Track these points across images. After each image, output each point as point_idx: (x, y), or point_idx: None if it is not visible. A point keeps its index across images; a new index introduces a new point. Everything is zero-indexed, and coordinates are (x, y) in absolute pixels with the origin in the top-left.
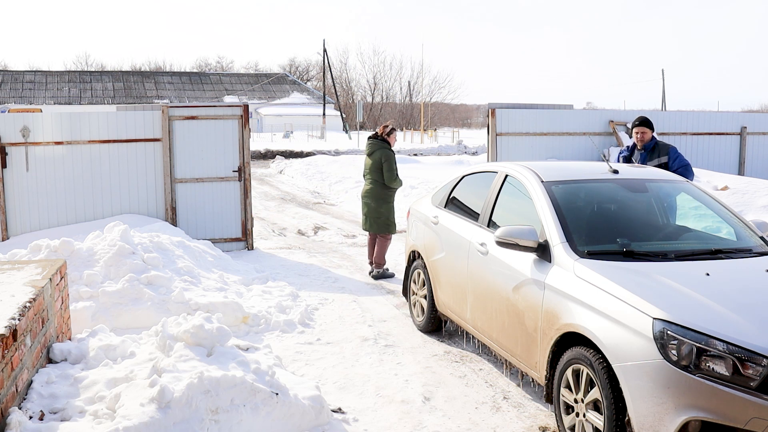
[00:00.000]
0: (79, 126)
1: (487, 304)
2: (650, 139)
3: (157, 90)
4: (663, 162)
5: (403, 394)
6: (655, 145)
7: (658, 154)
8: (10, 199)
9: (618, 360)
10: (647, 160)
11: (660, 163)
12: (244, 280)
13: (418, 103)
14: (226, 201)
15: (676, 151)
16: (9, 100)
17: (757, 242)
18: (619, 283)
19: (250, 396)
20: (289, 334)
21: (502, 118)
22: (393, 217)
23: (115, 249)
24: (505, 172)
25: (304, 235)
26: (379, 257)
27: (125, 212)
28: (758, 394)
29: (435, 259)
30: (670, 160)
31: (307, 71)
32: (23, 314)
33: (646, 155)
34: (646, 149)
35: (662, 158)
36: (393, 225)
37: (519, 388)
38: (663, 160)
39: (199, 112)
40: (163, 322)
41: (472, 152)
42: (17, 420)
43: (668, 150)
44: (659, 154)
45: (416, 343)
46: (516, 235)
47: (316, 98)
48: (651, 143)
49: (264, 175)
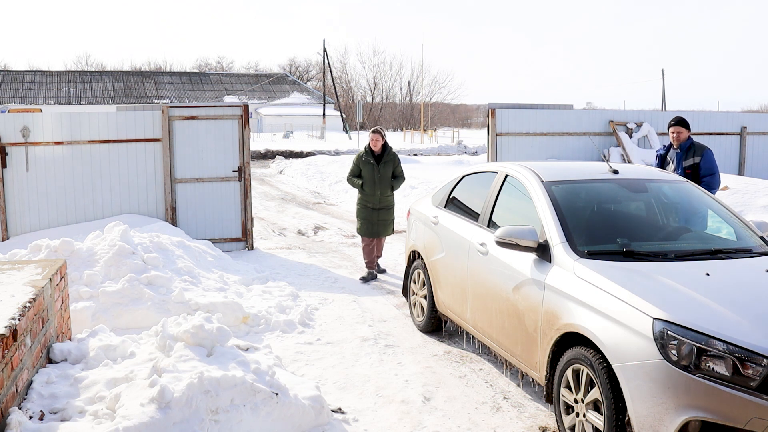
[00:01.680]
0: (79, 126)
1: (487, 304)
2: (686, 138)
3: (157, 90)
4: (696, 162)
5: (403, 394)
6: (690, 145)
7: (693, 154)
8: (10, 199)
9: (618, 360)
10: (682, 160)
11: (693, 164)
12: (244, 280)
13: (418, 103)
14: (226, 201)
15: (711, 155)
16: (9, 100)
17: (757, 242)
18: (619, 283)
19: (250, 396)
20: (289, 334)
21: (502, 118)
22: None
23: (115, 249)
24: (505, 172)
25: (304, 235)
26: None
27: (125, 212)
28: (758, 394)
29: (435, 259)
30: (702, 161)
31: (307, 71)
32: (23, 314)
33: (682, 155)
34: (682, 149)
35: (696, 158)
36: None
37: (519, 388)
38: (696, 160)
39: (199, 112)
40: (163, 322)
41: (472, 152)
42: (17, 420)
43: (703, 152)
44: (694, 154)
45: (416, 343)
46: (516, 235)
47: (316, 98)
48: (687, 143)
49: (264, 175)
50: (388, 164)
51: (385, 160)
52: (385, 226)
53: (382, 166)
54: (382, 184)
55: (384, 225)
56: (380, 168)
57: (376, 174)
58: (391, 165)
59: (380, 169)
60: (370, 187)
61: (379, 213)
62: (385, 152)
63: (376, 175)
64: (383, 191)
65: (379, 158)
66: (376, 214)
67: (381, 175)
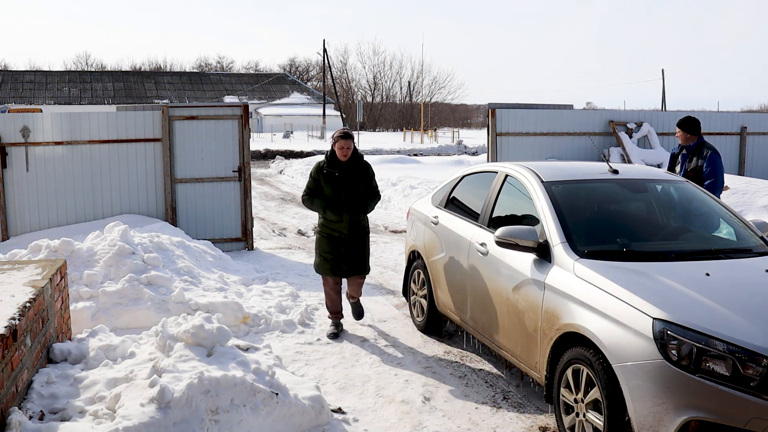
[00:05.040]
0: (79, 126)
1: (487, 304)
2: (692, 140)
3: (157, 90)
4: (700, 166)
5: (403, 394)
6: (697, 147)
7: (697, 156)
8: (10, 199)
9: (618, 360)
10: (686, 161)
11: (697, 167)
12: (244, 280)
13: (418, 103)
14: (226, 201)
15: (714, 160)
16: (9, 100)
17: (757, 242)
18: (619, 283)
19: (250, 396)
20: (289, 334)
21: (502, 118)
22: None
23: (115, 249)
24: (505, 172)
25: (304, 235)
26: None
27: (125, 212)
28: (758, 394)
29: (435, 259)
30: (705, 165)
31: (307, 71)
32: (23, 314)
33: (687, 156)
34: (688, 150)
35: (700, 162)
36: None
37: (519, 388)
38: (700, 163)
39: (199, 112)
40: (163, 322)
41: (472, 152)
42: (17, 420)
43: (708, 156)
44: (699, 156)
45: (416, 343)
46: (516, 235)
47: (316, 98)
48: (694, 145)
49: (264, 175)
50: (358, 177)
51: (355, 172)
52: (358, 261)
53: (350, 179)
54: (351, 204)
55: (356, 260)
56: (349, 182)
57: (343, 191)
58: (363, 178)
59: (349, 185)
60: (336, 209)
61: (348, 243)
62: (355, 161)
63: (344, 193)
64: (354, 214)
65: (346, 169)
66: (343, 245)
67: (350, 191)
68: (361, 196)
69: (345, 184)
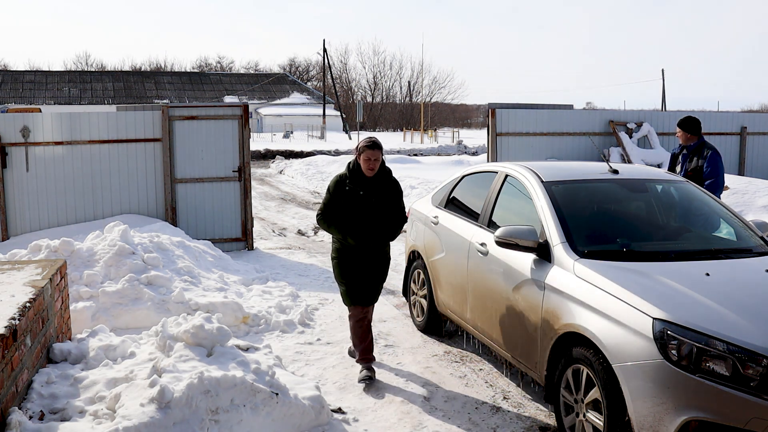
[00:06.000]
0: (79, 126)
1: (487, 304)
2: (692, 140)
3: (157, 90)
4: (700, 166)
5: (403, 394)
6: (698, 147)
7: (697, 156)
8: (10, 199)
9: (618, 360)
10: (686, 161)
11: (697, 167)
12: (244, 280)
13: (418, 103)
14: (226, 201)
15: (715, 160)
16: (9, 100)
17: (757, 242)
18: (619, 283)
19: (250, 396)
20: (289, 334)
21: (502, 118)
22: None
23: (115, 249)
24: (505, 172)
25: (304, 235)
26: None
27: (125, 212)
28: (758, 394)
29: (435, 259)
30: (705, 165)
31: (307, 71)
32: (23, 314)
33: (688, 155)
34: (689, 150)
35: (700, 162)
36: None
37: (519, 388)
38: (700, 164)
39: (199, 112)
40: (163, 322)
41: (472, 152)
42: (17, 420)
43: (708, 156)
44: (699, 156)
45: (416, 343)
46: (516, 235)
47: (316, 98)
48: (695, 145)
49: (264, 175)
50: (386, 197)
51: (383, 191)
52: (381, 281)
53: (377, 199)
54: (377, 229)
55: (380, 281)
56: (375, 202)
57: (368, 213)
58: (391, 198)
59: (375, 205)
60: (358, 235)
61: (372, 266)
62: (383, 177)
63: (369, 215)
64: (379, 242)
65: (372, 187)
66: (368, 269)
67: (376, 214)
68: (387, 220)
69: (371, 204)
